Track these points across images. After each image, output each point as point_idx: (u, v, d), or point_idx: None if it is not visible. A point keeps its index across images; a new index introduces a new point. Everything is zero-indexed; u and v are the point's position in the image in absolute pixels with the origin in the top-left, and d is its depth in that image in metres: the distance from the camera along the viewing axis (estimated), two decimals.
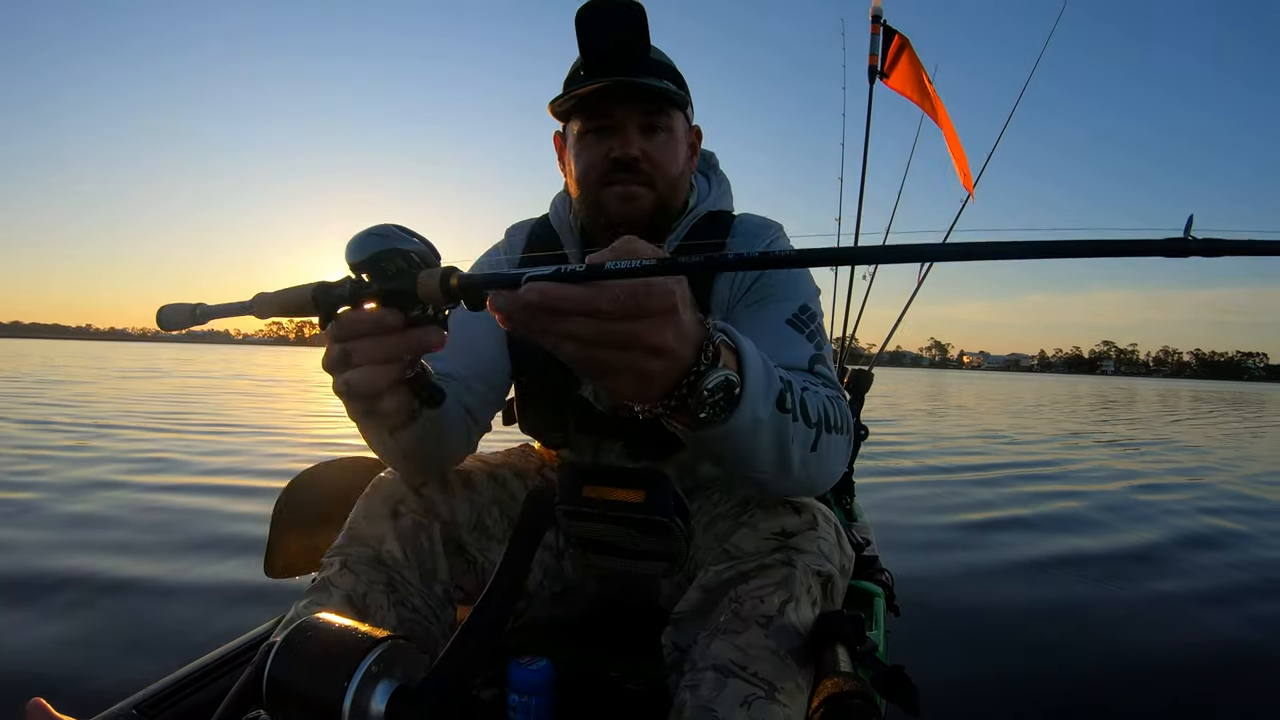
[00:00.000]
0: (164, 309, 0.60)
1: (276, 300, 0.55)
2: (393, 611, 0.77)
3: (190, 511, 2.99)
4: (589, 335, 0.46)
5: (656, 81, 0.83)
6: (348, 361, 0.52)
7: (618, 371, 0.48)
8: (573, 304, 0.44)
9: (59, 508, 3.00)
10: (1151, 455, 6.40)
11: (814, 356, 0.80)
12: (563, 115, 0.90)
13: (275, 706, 0.49)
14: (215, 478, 3.80)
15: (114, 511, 2.96)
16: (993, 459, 5.64)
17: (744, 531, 0.75)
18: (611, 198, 0.86)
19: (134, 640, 1.69)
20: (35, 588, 2.02)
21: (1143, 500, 3.96)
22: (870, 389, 2.05)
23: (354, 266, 0.52)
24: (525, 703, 0.84)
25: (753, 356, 0.58)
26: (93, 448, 4.72)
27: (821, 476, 0.72)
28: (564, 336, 0.46)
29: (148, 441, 5.08)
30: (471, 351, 0.90)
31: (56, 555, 2.33)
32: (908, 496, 3.85)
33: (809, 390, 0.68)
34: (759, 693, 0.65)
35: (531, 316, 0.45)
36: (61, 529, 2.68)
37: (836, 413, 0.71)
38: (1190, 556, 2.73)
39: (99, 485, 3.47)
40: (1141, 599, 2.23)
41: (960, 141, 2.54)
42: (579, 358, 0.47)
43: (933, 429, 8.25)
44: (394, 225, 0.52)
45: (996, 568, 2.53)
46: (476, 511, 0.88)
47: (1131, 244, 0.38)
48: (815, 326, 0.84)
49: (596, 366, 0.48)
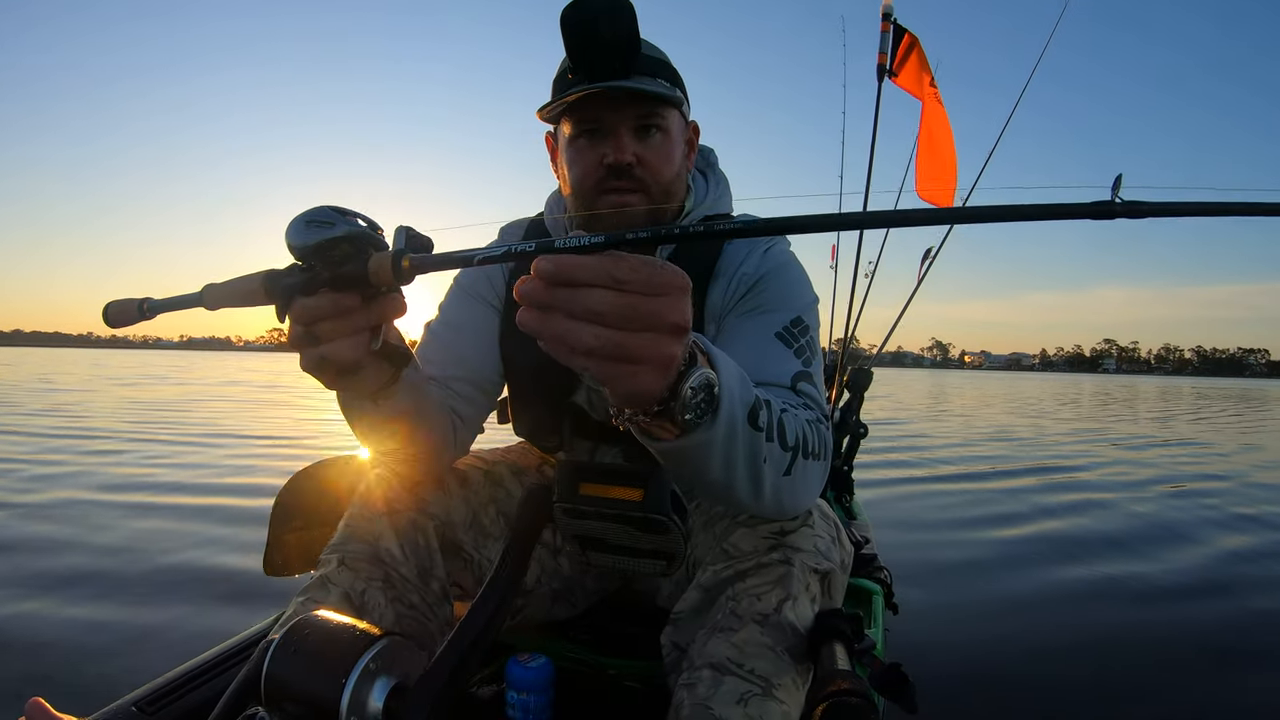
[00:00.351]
0: (110, 305, 0.59)
1: (226, 291, 0.53)
2: (390, 609, 0.77)
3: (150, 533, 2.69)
4: (616, 311, 0.42)
5: (650, 84, 0.81)
6: (316, 340, 0.52)
7: (639, 361, 0.44)
8: (590, 273, 0.42)
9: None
10: (1178, 455, 6.30)
11: (798, 373, 0.76)
12: (553, 119, 0.88)
13: (274, 703, 0.49)
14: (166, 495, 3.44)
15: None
16: (1004, 457, 5.65)
17: (742, 531, 0.75)
18: (605, 206, 0.84)
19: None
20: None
21: (1152, 499, 3.95)
22: (869, 387, 2.05)
23: (299, 254, 0.50)
24: (524, 700, 0.85)
25: (724, 361, 0.55)
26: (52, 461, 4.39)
27: (793, 503, 0.70)
28: (587, 315, 0.42)
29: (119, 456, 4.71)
30: (455, 352, 0.90)
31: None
32: (910, 494, 3.85)
33: (788, 412, 0.65)
34: (755, 690, 0.65)
35: (549, 295, 0.42)
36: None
37: (815, 438, 0.68)
38: (1203, 558, 2.72)
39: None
40: (1145, 598, 2.23)
41: (955, 150, 2.53)
42: (603, 346, 0.42)
43: (945, 429, 8.26)
44: (330, 208, 0.51)
45: (997, 567, 2.53)
46: (472, 510, 0.88)
47: (1056, 208, 0.38)
48: (806, 341, 0.81)
49: (621, 355, 0.43)
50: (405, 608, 0.79)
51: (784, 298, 0.84)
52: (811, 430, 0.67)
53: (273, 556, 1.06)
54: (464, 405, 0.87)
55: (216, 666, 0.97)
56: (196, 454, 4.82)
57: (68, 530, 2.72)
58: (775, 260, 0.88)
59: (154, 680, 0.91)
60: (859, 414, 2.05)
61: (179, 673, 0.93)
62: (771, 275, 0.86)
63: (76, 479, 3.77)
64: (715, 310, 0.87)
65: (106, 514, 2.99)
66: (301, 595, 0.77)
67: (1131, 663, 1.72)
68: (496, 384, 0.94)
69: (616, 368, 0.44)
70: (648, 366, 0.45)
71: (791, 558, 0.72)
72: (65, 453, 4.72)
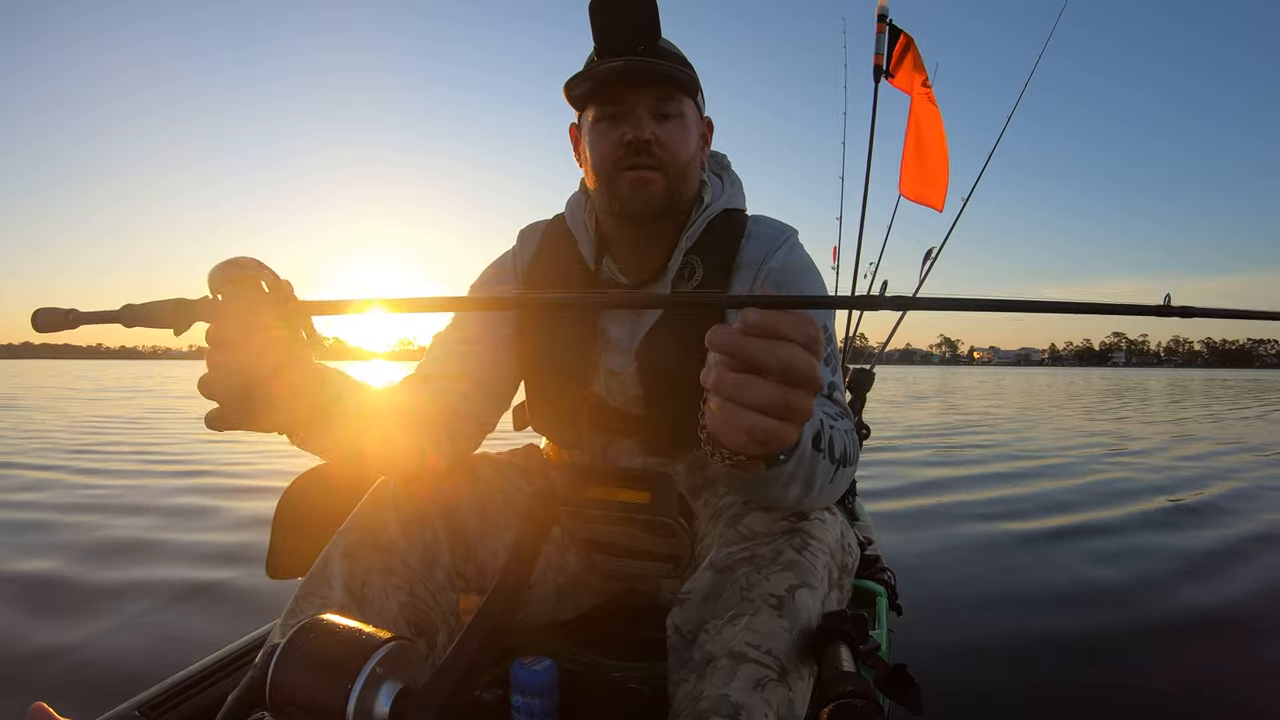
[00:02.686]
0: (39, 312, 0.62)
1: (141, 311, 0.59)
2: (392, 598, 0.77)
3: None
4: (802, 367, 0.45)
5: (668, 65, 0.85)
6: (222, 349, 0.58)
7: (792, 420, 0.47)
8: (792, 329, 0.45)
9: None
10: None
11: (830, 383, 0.82)
12: (577, 102, 0.91)
13: (279, 709, 0.49)
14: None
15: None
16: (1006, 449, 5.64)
17: (757, 514, 0.76)
18: (625, 183, 0.87)
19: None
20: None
21: (1163, 498, 3.94)
22: (871, 388, 2.05)
23: (213, 288, 0.58)
24: (529, 703, 0.85)
25: None
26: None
27: (825, 502, 0.77)
28: (780, 366, 0.45)
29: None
30: (470, 364, 0.93)
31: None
32: (911, 491, 3.85)
33: (835, 429, 0.70)
34: (771, 675, 0.65)
35: (746, 345, 0.45)
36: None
37: (851, 446, 0.74)
38: (1214, 560, 2.70)
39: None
40: (1156, 598, 2.22)
41: (947, 151, 2.53)
42: (773, 403, 0.46)
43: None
44: (251, 258, 0.59)
45: (1000, 565, 2.53)
46: (480, 499, 0.89)
47: (1128, 307, 0.46)
48: (831, 349, 0.86)
49: (784, 412, 0.46)
50: (407, 596, 0.79)
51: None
52: (849, 439, 0.74)
53: (276, 559, 1.05)
54: (462, 403, 0.90)
55: (220, 670, 0.96)
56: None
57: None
58: (799, 261, 0.93)
59: (157, 684, 0.91)
60: (861, 415, 2.05)
61: (183, 677, 0.93)
62: (798, 278, 0.91)
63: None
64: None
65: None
66: (303, 586, 0.78)
67: (1141, 666, 1.72)
68: (504, 387, 0.97)
69: (776, 425, 0.47)
70: (795, 424, 0.48)
71: (808, 543, 0.73)
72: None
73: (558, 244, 0.98)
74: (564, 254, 0.97)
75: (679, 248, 0.92)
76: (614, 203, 0.89)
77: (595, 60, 0.87)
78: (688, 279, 0.91)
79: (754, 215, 0.99)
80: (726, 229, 0.94)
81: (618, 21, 0.84)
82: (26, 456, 5.11)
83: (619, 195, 0.88)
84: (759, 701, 0.63)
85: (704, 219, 0.94)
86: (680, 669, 0.71)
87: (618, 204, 0.88)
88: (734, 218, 0.96)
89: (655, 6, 0.84)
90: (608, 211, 0.92)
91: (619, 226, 0.93)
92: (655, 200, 0.87)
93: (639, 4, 0.83)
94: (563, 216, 1.01)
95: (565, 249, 0.97)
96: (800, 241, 0.96)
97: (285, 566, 1.06)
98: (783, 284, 0.90)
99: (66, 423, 7.82)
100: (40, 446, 5.67)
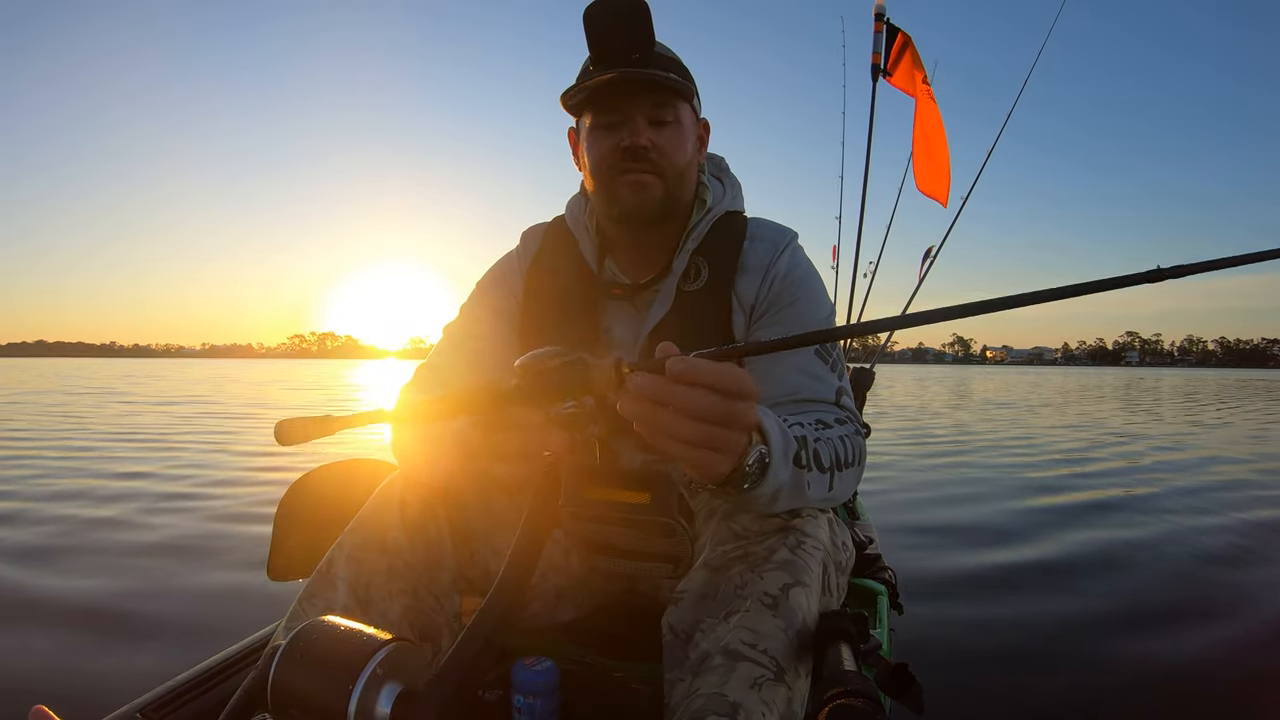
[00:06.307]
0: (282, 423, 0.57)
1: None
2: (395, 601, 0.77)
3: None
4: (718, 411, 0.53)
5: (662, 74, 0.86)
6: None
7: (721, 450, 0.56)
8: (709, 377, 0.52)
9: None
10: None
11: (839, 389, 0.85)
12: (574, 110, 0.93)
13: (280, 710, 0.49)
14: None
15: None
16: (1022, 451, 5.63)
17: (751, 514, 0.76)
18: (623, 186, 0.88)
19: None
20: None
21: (1161, 498, 3.94)
22: (872, 387, 2.05)
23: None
24: (530, 704, 0.84)
25: (773, 427, 0.66)
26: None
27: (836, 504, 0.81)
28: (694, 412, 0.52)
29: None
30: (481, 360, 0.95)
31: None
32: (914, 487, 3.85)
33: (821, 441, 0.74)
34: (768, 674, 0.65)
35: (667, 391, 0.51)
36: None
37: (849, 450, 0.78)
38: (1216, 563, 2.70)
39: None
40: (1155, 599, 2.22)
41: (948, 148, 2.53)
42: (700, 437, 0.53)
43: None
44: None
45: (1002, 564, 2.53)
46: (484, 495, 0.89)
47: (1116, 280, 0.48)
48: (837, 354, 0.88)
49: (711, 445, 0.55)
50: (410, 599, 0.79)
51: (815, 312, 0.92)
52: (847, 443, 0.78)
53: (276, 560, 1.05)
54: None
55: (222, 672, 0.96)
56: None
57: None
58: (801, 266, 0.95)
59: (159, 686, 0.91)
60: (861, 413, 2.05)
61: (185, 678, 0.93)
62: (802, 285, 0.93)
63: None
64: (745, 301, 0.93)
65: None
66: (307, 589, 0.78)
67: (1143, 666, 1.72)
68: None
69: (705, 455, 0.55)
70: (726, 455, 0.57)
71: (802, 541, 0.73)
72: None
73: (559, 245, 1.00)
74: (566, 255, 0.99)
75: (684, 249, 0.94)
76: (613, 206, 0.90)
77: (590, 69, 0.88)
78: (693, 279, 0.93)
79: (753, 218, 1.00)
80: (729, 231, 0.95)
81: (612, 31, 0.85)
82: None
83: (617, 199, 0.89)
84: (757, 701, 0.63)
85: (708, 221, 0.95)
86: (676, 668, 0.71)
87: (616, 208, 0.90)
88: (735, 220, 0.98)
89: (649, 15, 0.85)
90: (607, 215, 0.93)
91: (618, 229, 0.95)
92: (653, 204, 0.89)
93: (632, 13, 0.84)
94: (563, 218, 1.02)
95: (567, 250, 0.99)
96: (800, 245, 0.98)
97: (286, 568, 1.06)
98: (787, 293, 0.92)
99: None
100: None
